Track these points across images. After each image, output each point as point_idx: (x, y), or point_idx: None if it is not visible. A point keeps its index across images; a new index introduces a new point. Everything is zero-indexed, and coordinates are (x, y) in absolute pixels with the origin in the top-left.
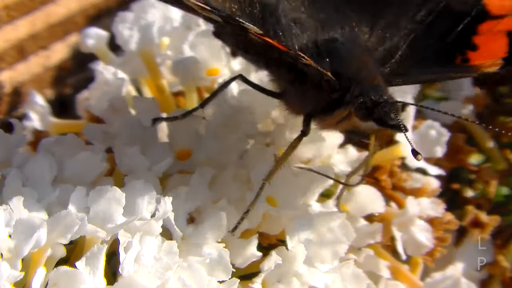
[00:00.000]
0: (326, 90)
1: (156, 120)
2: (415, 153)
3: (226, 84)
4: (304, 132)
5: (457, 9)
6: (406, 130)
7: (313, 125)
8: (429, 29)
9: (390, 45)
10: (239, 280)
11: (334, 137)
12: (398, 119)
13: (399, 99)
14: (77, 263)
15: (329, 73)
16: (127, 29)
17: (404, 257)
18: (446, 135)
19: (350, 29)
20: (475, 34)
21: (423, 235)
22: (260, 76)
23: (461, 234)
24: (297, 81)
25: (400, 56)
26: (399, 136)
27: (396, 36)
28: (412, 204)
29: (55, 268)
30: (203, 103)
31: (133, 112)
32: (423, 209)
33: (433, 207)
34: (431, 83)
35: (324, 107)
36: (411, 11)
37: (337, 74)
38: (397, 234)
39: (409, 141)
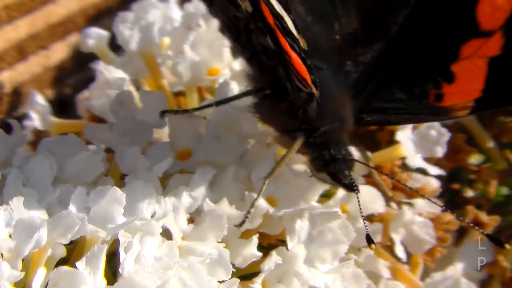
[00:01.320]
0: (299, 120)
1: (165, 112)
2: (369, 240)
3: (248, 92)
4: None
5: (441, 13)
6: (358, 191)
7: None
8: (403, 50)
9: (366, 72)
10: (239, 280)
11: None
12: (352, 179)
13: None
14: (77, 263)
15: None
16: (127, 29)
17: (405, 260)
18: (446, 135)
19: (332, 53)
20: (455, 58)
21: (424, 231)
22: None
23: (461, 234)
24: (274, 95)
25: (374, 87)
26: (399, 136)
27: (373, 62)
28: (408, 212)
29: (55, 268)
30: (219, 102)
31: (139, 106)
32: (419, 209)
33: (429, 206)
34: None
35: (288, 130)
36: (388, 22)
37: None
38: (396, 237)
39: (359, 205)
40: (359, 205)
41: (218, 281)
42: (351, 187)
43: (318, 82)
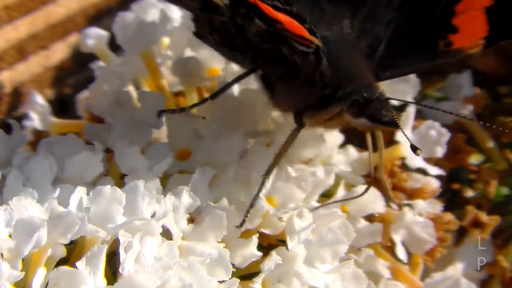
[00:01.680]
0: (318, 86)
1: (162, 112)
2: (414, 148)
3: (241, 77)
4: (299, 128)
5: None
6: (399, 127)
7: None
8: (408, 15)
9: (373, 36)
10: (239, 280)
11: (334, 137)
12: (391, 116)
13: (397, 97)
14: (77, 263)
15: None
16: (127, 29)
17: (406, 261)
18: (446, 135)
19: (335, 24)
20: (453, 15)
21: (425, 231)
22: None
23: (461, 234)
24: (287, 77)
25: (384, 47)
26: (399, 136)
27: (377, 26)
28: (409, 212)
29: (55, 268)
30: (213, 95)
31: (137, 106)
32: (419, 210)
33: (430, 207)
34: (431, 84)
35: (315, 103)
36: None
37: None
38: (396, 238)
39: (406, 136)
40: (408, 140)
41: (218, 281)
42: (393, 124)
43: (315, 30)
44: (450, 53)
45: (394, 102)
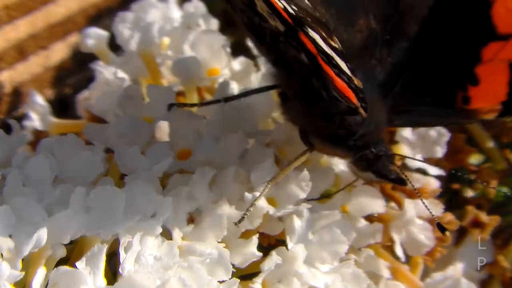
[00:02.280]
0: (335, 125)
1: (173, 105)
2: (441, 228)
3: (260, 89)
4: (310, 150)
5: (460, 17)
6: (406, 184)
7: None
8: (430, 46)
9: (392, 67)
10: (239, 280)
11: None
12: (397, 172)
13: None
14: (77, 263)
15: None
16: (127, 29)
17: (404, 260)
18: (446, 135)
19: (361, 54)
20: (477, 61)
21: (423, 234)
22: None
23: (461, 234)
24: (307, 100)
25: (402, 85)
26: (400, 137)
27: (398, 53)
28: (410, 207)
29: (55, 268)
30: (227, 98)
31: (147, 100)
32: (421, 211)
33: (431, 207)
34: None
35: (325, 135)
36: (410, 21)
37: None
38: (396, 237)
39: (424, 204)
40: (425, 206)
41: (218, 281)
42: (400, 181)
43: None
44: (466, 113)
45: None
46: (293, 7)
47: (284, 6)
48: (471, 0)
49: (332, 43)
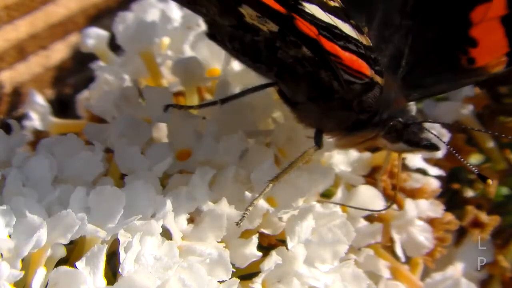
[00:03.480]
0: (355, 111)
1: (169, 106)
2: (482, 177)
3: (257, 88)
4: (319, 146)
5: None
6: (438, 149)
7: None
8: (423, 23)
9: (393, 48)
10: (239, 280)
11: None
12: (429, 139)
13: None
14: (77, 263)
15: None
16: (127, 29)
17: (403, 259)
18: (446, 135)
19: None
20: (470, 25)
21: (423, 235)
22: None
23: (461, 234)
24: (320, 98)
25: (407, 63)
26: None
27: (395, 34)
28: (411, 207)
29: (55, 268)
30: (224, 99)
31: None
32: (422, 211)
33: (432, 208)
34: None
35: (348, 126)
36: (399, 3)
37: None
38: (396, 237)
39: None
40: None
41: (218, 281)
42: (432, 147)
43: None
44: (474, 71)
45: None
46: None
47: None
48: None
49: (331, 3)
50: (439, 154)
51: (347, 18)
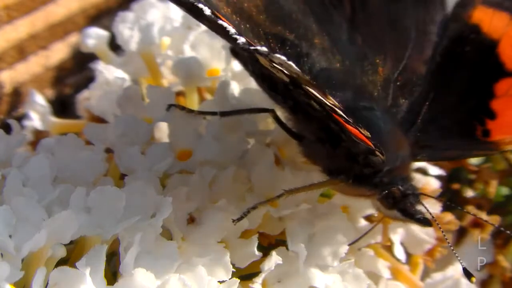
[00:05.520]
0: (359, 164)
1: (172, 106)
2: (467, 274)
3: (255, 110)
4: (348, 179)
5: (471, 57)
6: (431, 225)
7: None
8: (446, 84)
9: (411, 103)
10: (239, 280)
11: None
12: (423, 213)
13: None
14: (77, 263)
15: (382, 156)
16: (127, 29)
17: (404, 261)
18: None
19: (377, 91)
20: (491, 97)
21: (424, 231)
22: None
23: (461, 234)
24: (327, 141)
25: (422, 121)
26: None
27: (416, 89)
28: None
29: (55, 268)
30: (224, 113)
31: (147, 101)
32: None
33: (429, 207)
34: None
35: (349, 176)
36: (425, 55)
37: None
38: (395, 239)
39: (460, 261)
40: (461, 263)
41: (218, 281)
42: (424, 221)
43: (379, 140)
44: (486, 145)
45: None
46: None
47: (280, 62)
48: (476, 42)
49: (329, 100)
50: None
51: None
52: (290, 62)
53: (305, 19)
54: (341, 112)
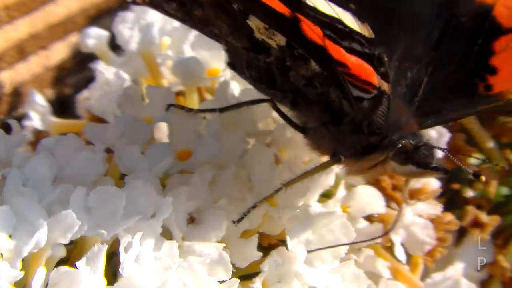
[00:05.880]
0: (365, 134)
1: (171, 106)
2: (476, 175)
3: (254, 101)
4: (335, 162)
5: (467, 26)
6: (448, 172)
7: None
8: (445, 55)
9: (411, 78)
10: (239, 280)
11: None
12: (437, 162)
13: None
14: (77, 263)
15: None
16: (127, 29)
17: (404, 261)
18: (446, 135)
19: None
20: (491, 54)
21: (424, 232)
22: None
23: (461, 234)
24: (331, 122)
25: (424, 91)
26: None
27: (415, 66)
28: (407, 210)
29: (55, 268)
30: (223, 109)
31: (146, 101)
32: (421, 209)
33: (430, 207)
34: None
35: (358, 150)
36: (423, 36)
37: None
38: (396, 240)
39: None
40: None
41: (218, 281)
42: (441, 169)
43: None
44: (490, 98)
45: None
46: None
47: None
48: (475, 9)
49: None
50: (439, 153)
51: (346, 2)
52: None
53: None
54: (344, 16)
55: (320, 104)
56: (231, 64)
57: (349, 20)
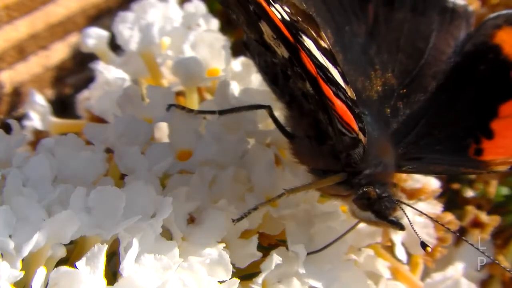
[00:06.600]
0: (341, 163)
1: (172, 106)
2: (423, 245)
3: (252, 107)
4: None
5: (482, 76)
6: (404, 229)
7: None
8: (450, 100)
9: (408, 118)
10: (239, 280)
11: None
12: (397, 217)
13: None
14: (77, 263)
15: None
16: (127, 29)
17: (405, 261)
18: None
19: (372, 101)
20: (494, 116)
21: (424, 231)
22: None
23: (461, 234)
24: (315, 138)
25: (415, 134)
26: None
27: (415, 105)
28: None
29: (55, 268)
30: (223, 111)
31: (146, 101)
32: (421, 209)
33: (430, 208)
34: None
35: (329, 174)
36: (428, 77)
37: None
38: (396, 239)
39: (416, 232)
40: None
41: (218, 281)
42: (397, 224)
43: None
44: (476, 163)
45: None
46: (286, 8)
47: (279, 11)
48: (492, 62)
49: (322, 43)
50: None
51: (336, 63)
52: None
53: (323, 22)
54: (331, 68)
55: (310, 118)
56: (246, 45)
57: (336, 75)
